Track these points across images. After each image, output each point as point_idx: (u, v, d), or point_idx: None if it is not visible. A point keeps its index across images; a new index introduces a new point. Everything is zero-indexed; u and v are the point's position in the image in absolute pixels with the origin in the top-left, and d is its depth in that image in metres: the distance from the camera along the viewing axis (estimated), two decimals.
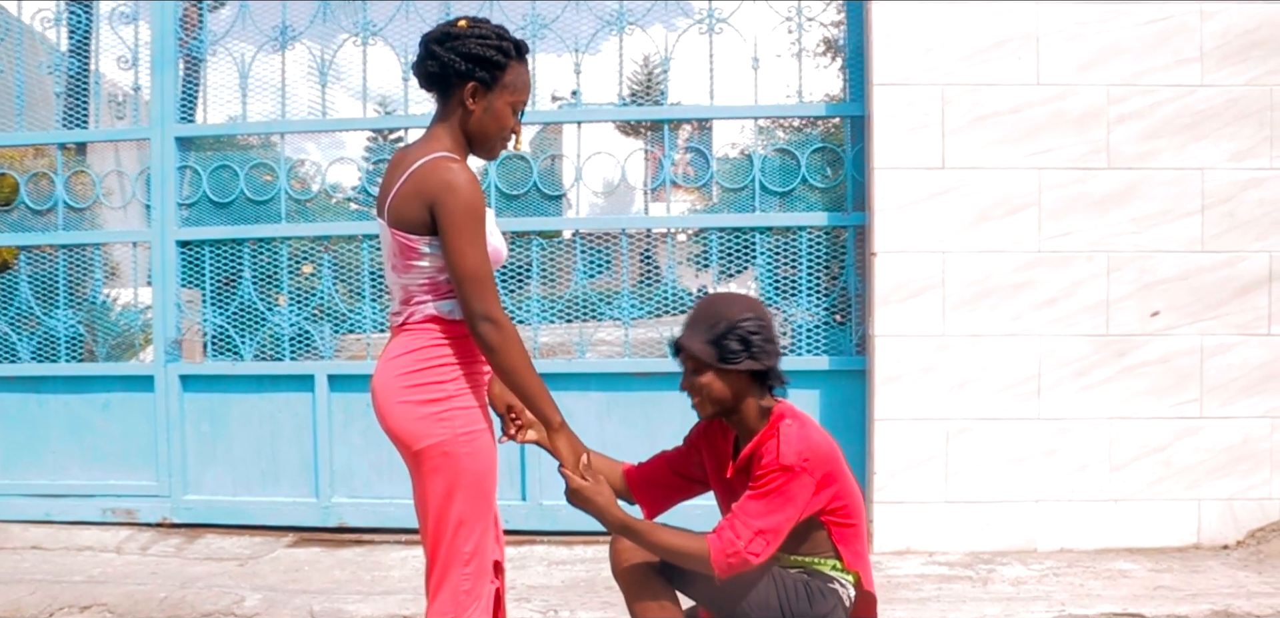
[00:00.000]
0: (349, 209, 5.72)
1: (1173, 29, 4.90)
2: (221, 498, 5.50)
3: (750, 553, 2.59)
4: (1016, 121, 4.92)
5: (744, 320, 2.68)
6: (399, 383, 2.52)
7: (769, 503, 2.61)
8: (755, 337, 2.68)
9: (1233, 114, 4.89)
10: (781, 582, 2.72)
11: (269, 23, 5.41)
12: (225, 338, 5.49)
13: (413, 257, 2.50)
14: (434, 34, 2.53)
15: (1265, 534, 4.84)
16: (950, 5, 4.92)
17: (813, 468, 2.65)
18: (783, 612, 2.68)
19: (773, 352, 2.72)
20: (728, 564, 2.59)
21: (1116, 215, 4.91)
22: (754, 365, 2.69)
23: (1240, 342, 4.91)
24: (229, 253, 5.48)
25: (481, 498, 2.57)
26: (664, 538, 2.67)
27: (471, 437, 2.53)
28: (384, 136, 6.01)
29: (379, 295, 5.44)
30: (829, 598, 2.73)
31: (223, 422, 5.50)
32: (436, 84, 2.54)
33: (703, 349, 2.69)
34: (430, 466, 2.51)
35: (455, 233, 2.41)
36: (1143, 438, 4.92)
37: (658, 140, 5.49)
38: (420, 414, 2.50)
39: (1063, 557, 4.84)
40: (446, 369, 2.52)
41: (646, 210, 5.61)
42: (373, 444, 5.40)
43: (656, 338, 5.52)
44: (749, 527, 2.60)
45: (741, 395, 2.73)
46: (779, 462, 2.61)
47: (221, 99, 5.53)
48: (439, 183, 2.43)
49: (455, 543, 2.54)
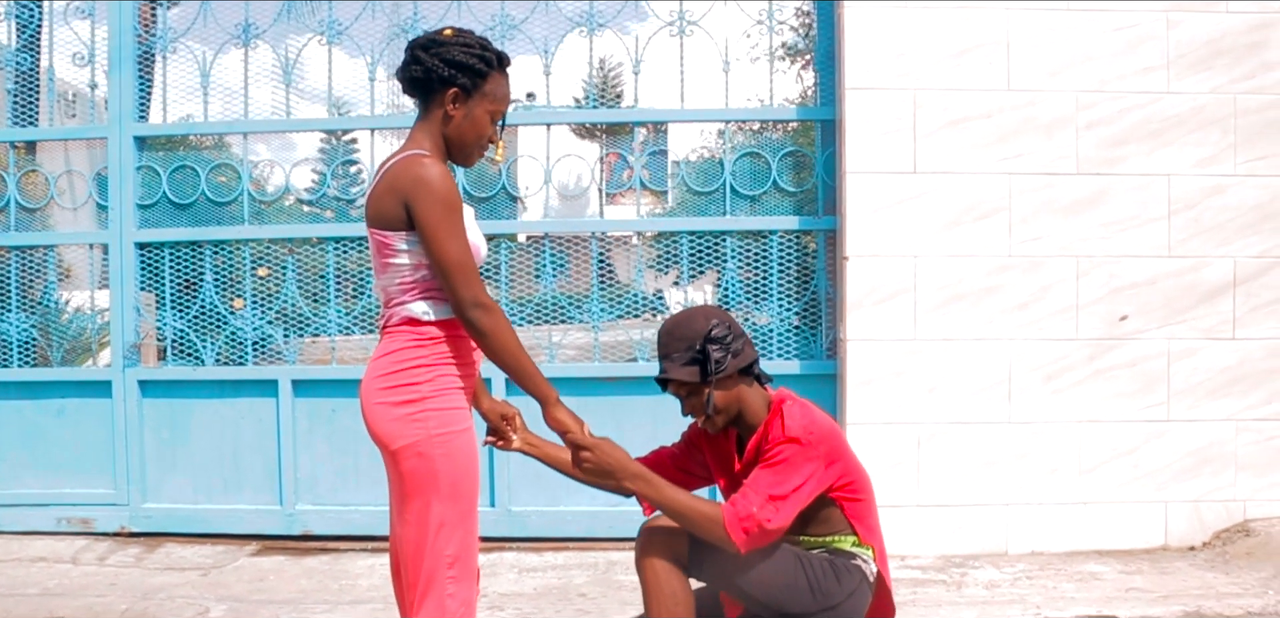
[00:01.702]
0: (311, 212, 5.61)
1: (1140, 36, 4.95)
2: (182, 506, 5.37)
3: (763, 517, 2.60)
4: (988, 126, 4.94)
5: (712, 328, 2.75)
6: (377, 385, 2.55)
7: (778, 472, 2.64)
8: (728, 338, 2.75)
9: (1198, 121, 4.95)
10: (807, 563, 2.74)
11: (231, 20, 5.29)
12: (186, 342, 5.36)
13: (389, 254, 2.53)
14: (420, 41, 2.59)
15: (1230, 535, 4.91)
16: (922, 10, 4.93)
17: (817, 442, 2.68)
18: (812, 592, 2.70)
19: (747, 342, 2.80)
20: (742, 529, 2.59)
21: (1086, 220, 4.95)
22: (738, 364, 2.76)
23: (1206, 346, 4.97)
24: (189, 255, 5.35)
25: (461, 500, 2.56)
26: (679, 499, 2.66)
27: (446, 438, 2.52)
28: (338, 137, 5.87)
29: (344, 298, 5.35)
30: (853, 575, 2.77)
31: (183, 428, 5.37)
32: (419, 89, 2.59)
33: (688, 373, 2.74)
34: (407, 466, 2.52)
35: (433, 226, 2.45)
36: (1112, 441, 4.96)
37: (627, 143, 5.45)
38: (396, 415, 2.52)
39: (1034, 559, 4.87)
40: (421, 371, 2.53)
41: (601, 212, 5.57)
42: (338, 450, 5.31)
43: (626, 341, 5.48)
44: (760, 493, 2.62)
45: (740, 396, 2.80)
46: (785, 435, 2.66)
47: (181, 98, 5.40)
48: (412, 178, 2.47)
49: (437, 546, 2.53)
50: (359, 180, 5.84)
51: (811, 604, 2.70)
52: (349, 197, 5.49)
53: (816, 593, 2.70)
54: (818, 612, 2.71)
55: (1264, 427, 4.98)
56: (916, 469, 4.97)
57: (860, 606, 2.79)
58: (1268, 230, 4.97)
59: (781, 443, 2.66)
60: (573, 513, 5.29)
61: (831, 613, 2.72)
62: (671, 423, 5.25)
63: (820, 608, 2.71)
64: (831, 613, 2.72)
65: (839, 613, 2.73)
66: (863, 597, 2.79)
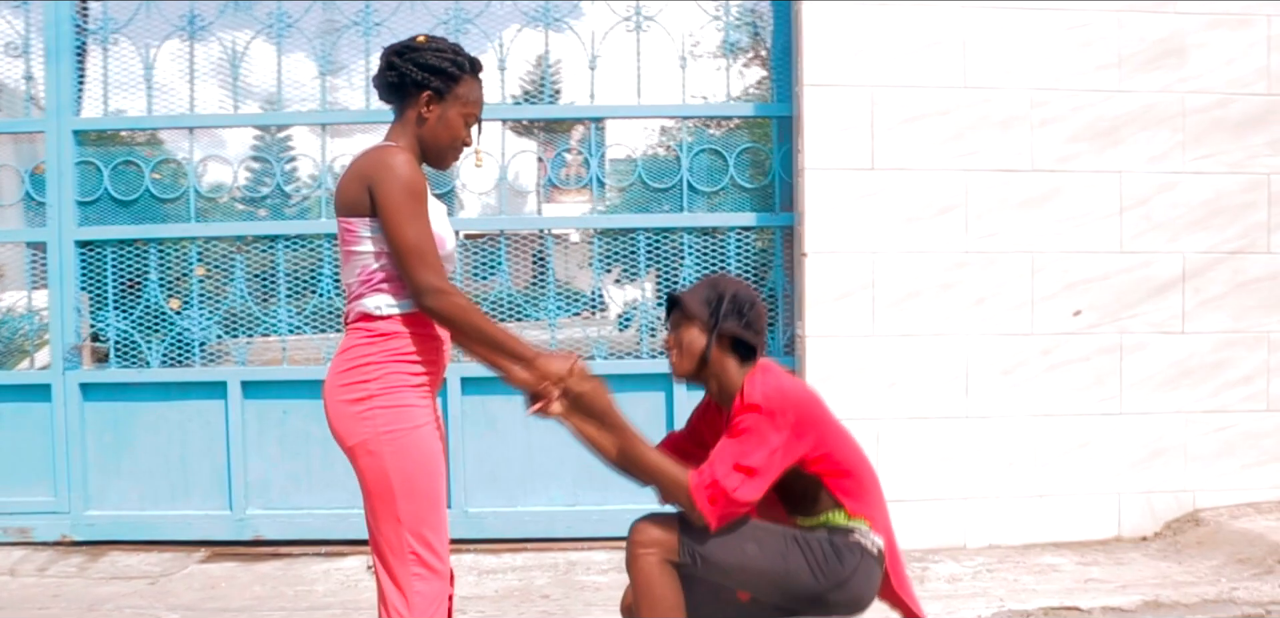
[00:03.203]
0: (245, 210, 5.45)
1: (1092, 36, 5.02)
2: (127, 513, 5.20)
3: (729, 486, 2.59)
4: (944, 123, 4.98)
5: (741, 294, 2.80)
6: (332, 382, 2.56)
7: (742, 441, 2.63)
8: (747, 309, 2.78)
9: (1148, 119, 5.04)
10: (805, 543, 2.72)
11: (176, 12, 5.14)
12: (129, 344, 5.19)
13: (352, 242, 2.55)
14: (395, 47, 2.62)
15: (1180, 525, 5.00)
16: (880, 7, 4.95)
17: (781, 410, 2.66)
18: (813, 572, 2.68)
19: (758, 331, 2.81)
20: (706, 497, 2.60)
21: (1040, 216, 5.01)
22: (737, 329, 2.77)
23: (1157, 340, 5.06)
24: (133, 254, 5.18)
25: (419, 498, 2.53)
26: (651, 458, 2.67)
27: (395, 435, 2.51)
28: (273, 133, 5.66)
29: (295, 297, 5.22)
30: (854, 551, 2.73)
31: (127, 432, 5.20)
32: (395, 93, 2.64)
33: (696, 303, 2.80)
34: (362, 463, 2.53)
35: (393, 208, 2.45)
36: (1067, 434, 5.04)
37: (566, 141, 5.40)
38: (349, 412, 2.53)
39: (992, 552, 4.92)
40: (370, 368, 2.52)
41: (539, 210, 5.51)
42: (290, 453, 5.19)
43: (582, 337, 5.43)
44: (725, 462, 2.62)
45: (722, 359, 2.80)
46: (745, 402, 2.67)
47: (114, 92, 5.22)
48: (376, 163, 2.50)
49: (399, 541, 2.53)
50: (295, 178, 5.68)
51: (815, 584, 2.68)
52: (285, 195, 5.34)
53: (818, 573, 2.68)
54: (826, 591, 2.69)
55: (1212, 419, 5.08)
56: (876, 464, 4.97)
57: (868, 581, 2.75)
58: (1215, 226, 5.08)
59: (742, 411, 2.66)
60: (531, 514, 5.23)
61: (841, 592, 2.70)
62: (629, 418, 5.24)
63: (827, 587, 2.69)
64: (841, 592, 2.70)
65: (848, 591, 2.70)
66: (870, 572, 2.75)
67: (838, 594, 2.70)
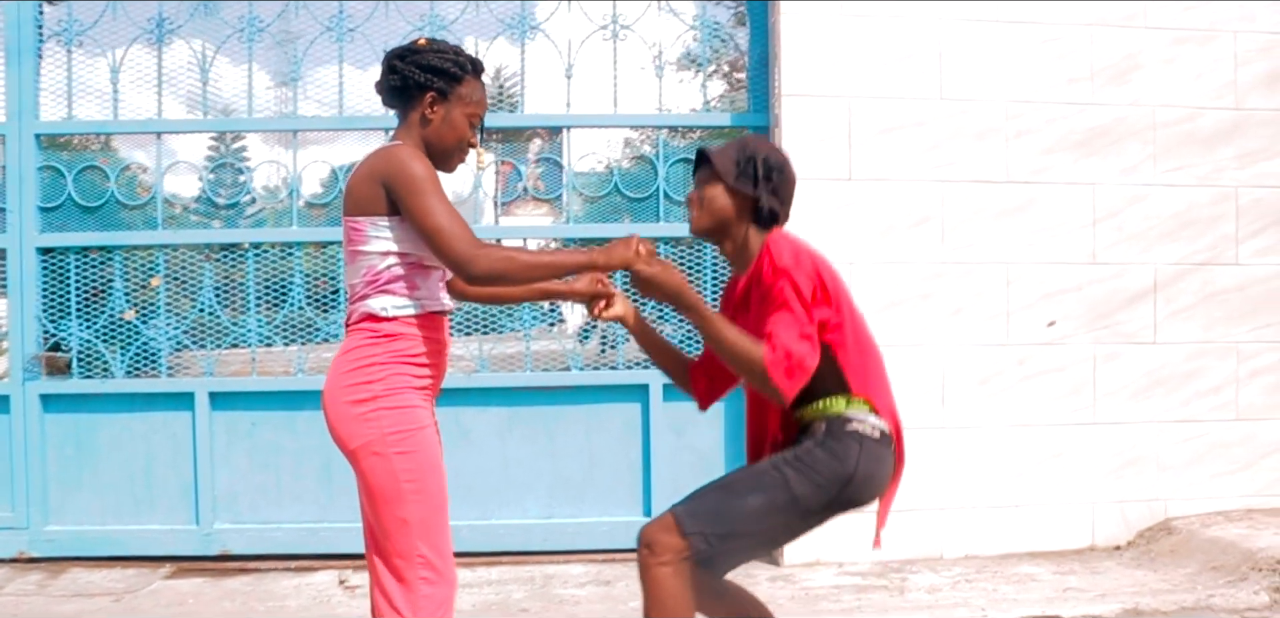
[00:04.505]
0: (200, 221, 5.33)
1: (1065, 49, 5.08)
2: (89, 528, 5.05)
3: (798, 353, 2.51)
4: (921, 135, 5.00)
5: (771, 158, 2.73)
6: (334, 384, 2.52)
7: (793, 308, 2.54)
8: (775, 173, 2.71)
9: (1120, 132, 5.10)
10: (801, 463, 2.60)
11: (143, 15, 5.03)
12: (93, 354, 5.05)
13: (359, 242, 2.51)
14: (396, 51, 2.62)
15: (1153, 534, 5.05)
16: (857, 19, 4.97)
17: (811, 272, 2.59)
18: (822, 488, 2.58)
19: (784, 199, 2.74)
20: (782, 369, 2.51)
21: (1015, 227, 5.05)
22: (762, 195, 2.70)
23: (1129, 350, 5.11)
24: (98, 261, 5.05)
25: (427, 499, 2.50)
26: (730, 334, 2.57)
27: (402, 436, 2.48)
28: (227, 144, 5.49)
29: (265, 307, 5.12)
30: (852, 442, 2.61)
31: (90, 445, 5.06)
32: (398, 97, 2.62)
33: (725, 162, 2.71)
34: (366, 466, 2.49)
35: (417, 195, 2.42)
36: (1042, 444, 5.07)
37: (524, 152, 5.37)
38: (352, 414, 2.49)
39: (970, 562, 4.93)
40: (375, 369, 2.49)
41: (496, 221, 5.43)
42: (259, 465, 5.08)
43: (558, 351, 5.38)
44: (790, 333, 2.53)
45: (741, 220, 2.72)
46: (776, 267, 2.58)
47: (87, 96, 5.10)
48: (388, 159, 2.48)
49: (408, 545, 2.48)
50: (265, 185, 5.56)
51: (826, 495, 2.59)
52: (254, 202, 5.24)
53: (824, 483, 2.58)
54: (837, 495, 2.59)
55: (1183, 428, 5.15)
56: None
57: (876, 465, 2.64)
58: (1185, 238, 5.15)
59: (776, 277, 2.57)
60: (505, 527, 5.16)
61: (851, 488, 2.60)
62: (605, 436, 5.21)
63: (837, 490, 2.59)
64: (851, 488, 2.60)
65: (857, 485, 2.61)
66: (876, 457, 2.63)
67: (849, 492, 2.60)
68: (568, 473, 5.24)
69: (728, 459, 5.19)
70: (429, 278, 2.54)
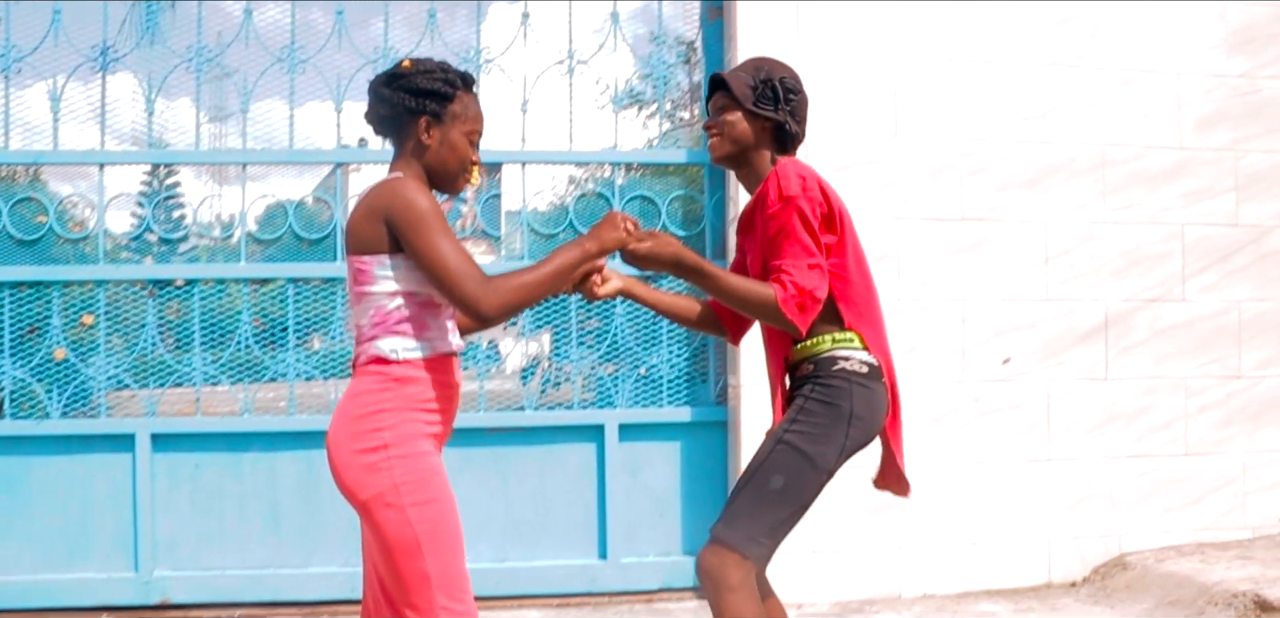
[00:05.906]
0: (129, 258, 5.18)
1: (1018, 89, 5.14)
2: (18, 578, 4.80)
3: (808, 284, 2.54)
4: (875, 172, 5.02)
5: (786, 77, 2.73)
6: (340, 431, 2.39)
7: (799, 238, 2.56)
8: (792, 96, 2.72)
9: (1071, 170, 5.17)
10: (803, 423, 2.61)
11: (86, 42, 4.89)
12: (26, 394, 4.85)
13: (365, 282, 2.40)
14: (381, 78, 2.51)
15: (1108, 570, 5.07)
16: (811, 57, 4.98)
17: (816, 199, 2.58)
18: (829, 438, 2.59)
19: (800, 118, 2.75)
20: (795, 304, 2.53)
21: (970, 265, 5.08)
22: (779, 118, 2.70)
23: (1082, 386, 5.16)
24: (33, 297, 4.87)
25: (445, 550, 2.37)
26: (731, 282, 2.60)
27: (415, 485, 2.34)
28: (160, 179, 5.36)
29: (209, 346, 4.96)
30: (843, 383, 2.62)
31: (21, 489, 4.84)
32: (391, 127, 2.52)
33: (741, 87, 2.70)
34: (380, 518, 2.33)
35: (422, 234, 2.33)
36: (997, 481, 5.08)
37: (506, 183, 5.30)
38: (361, 463, 2.35)
39: (928, 602, 4.90)
40: (386, 416, 2.36)
41: None
42: (202, 510, 4.91)
43: (512, 390, 5.29)
44: (799, 265, 2.55)
45: (759, 145, 2.73)
46: (783, 195, 2.57)
47: (24, 127, 4.93)
48: (390, 194, 2.37)
49: (428, 600, 2.33)
50: (213, 219, 5.43)
51: (841, 441, 2.60)
52: (183, 236, 5.10)
53: (831, 430, 2.59)
54: (846, 436, 2.60)
55: (1136, 463, 5.19)
56: (809, 514, 4.93)
57: (870, 403, 2.64)
58: (1134, 275, 5.22)
59: (781, 206, 2.57)
60: None
61: (852, 427, 2.60)
62: (559, 477, 5.12)
63: (844, 433, 2.60)
64: (852, 427, 2.60)
65: (856, 425, 2.61)
66: (870, 394, 2.64)
67: (853, 432, 2.61)
68: (521, 516, 5.14)
69: (684, 498, 5.14)
70: (439, 316, 2.43)
